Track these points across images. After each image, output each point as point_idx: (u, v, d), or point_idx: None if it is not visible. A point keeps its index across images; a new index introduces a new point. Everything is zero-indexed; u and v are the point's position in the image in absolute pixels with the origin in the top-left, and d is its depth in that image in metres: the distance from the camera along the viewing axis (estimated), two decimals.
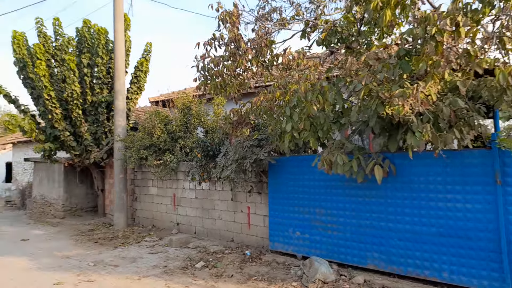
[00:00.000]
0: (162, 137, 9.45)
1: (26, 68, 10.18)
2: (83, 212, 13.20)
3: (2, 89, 10.26)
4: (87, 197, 13.35)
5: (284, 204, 6.63)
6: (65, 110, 10.98)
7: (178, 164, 9.20)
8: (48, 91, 9.81)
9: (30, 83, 10.40)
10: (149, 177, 10.33)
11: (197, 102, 9.96)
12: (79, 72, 10.57)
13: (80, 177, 13.04)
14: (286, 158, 6.50)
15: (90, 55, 10.69)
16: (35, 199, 13.74)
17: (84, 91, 10.78)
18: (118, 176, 10.24)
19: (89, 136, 10.90)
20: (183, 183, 9.29)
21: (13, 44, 9.94)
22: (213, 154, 7.90)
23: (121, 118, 10.27)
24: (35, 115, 11.03)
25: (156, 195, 10.09)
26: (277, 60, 6.15)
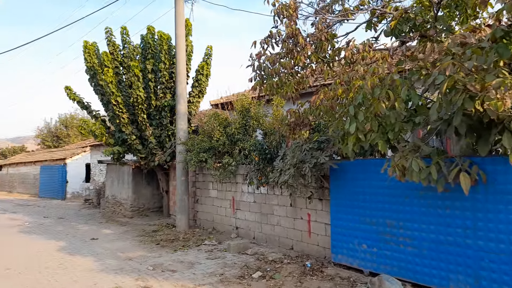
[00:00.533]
0: (221, 139, 9.35)
1: (96, 76, 10.81)
2: (150, 212, 13.72)
3: (76, 96, 11.02)
4: (153, 197, 13.86)
5: (348, 213, 6.01)
6: (132, 114, 11.46)
7: (237, 167, 9.01)
8: (115, 97, 10.29)
9: (100, 89, 11.03)
10: (209, 180, 10.31)
11: (256, 103, 9.70)
12: (143, 78, 10.95)
13: (146, 179, 13.57)
14: (350, 162, 5.89)
15: (153, 61, 11.03)
16: (108, 199, 14.63)
17: (149, 96, 11.14)
18: (180, 179, 10.37)
19: (154, 139, 11.23)
20: (241, 187, 9.07)
21: (84, 53, 10.63)
22: (271, 157, 7.54)
23: (183, 121, 10.40)
24: (105, 120, 11.67)
25: (216, 198, 10.03)
26: (339, 54, 5.58)
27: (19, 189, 29.38)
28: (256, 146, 7.75)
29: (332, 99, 4.58)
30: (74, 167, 23.88)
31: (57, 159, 24.78)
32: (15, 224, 12.52)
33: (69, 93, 10.89)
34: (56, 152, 28.38)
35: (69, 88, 10.94)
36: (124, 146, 11.43)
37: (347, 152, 4.95)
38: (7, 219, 13.94)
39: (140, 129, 11.32)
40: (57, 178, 23.93)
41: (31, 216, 14.92)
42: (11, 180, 31.25)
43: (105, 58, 10.54)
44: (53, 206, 19.54)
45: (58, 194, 23.72)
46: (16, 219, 14.08)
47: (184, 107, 10.43)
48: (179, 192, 10.37)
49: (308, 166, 5.69)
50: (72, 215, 15.28)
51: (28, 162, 28.61)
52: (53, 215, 15.34)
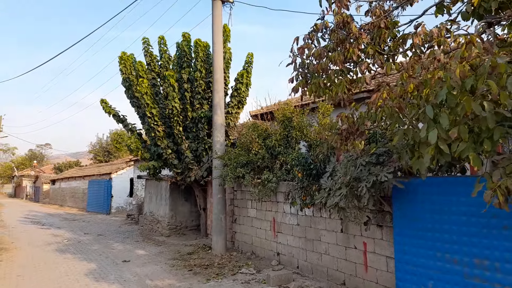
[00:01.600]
0: (260, 153, 8.40)
1: (131, 88, 10.42)
2: (187, 230, 13.00)
3: (111, 109, 10.69)
4: (191, 215, 13.15)
5: (419, 246, 4.71)
6: (168, 127, 10.90)
7: (277, 184, 7.98)
8: (150, 109, 9.78)
9: (136, 102, 10.61)
10: (248, 198, 9.35)
11: (299, 112, 8.66)
12: (179, 88, 10.39)
13: (184, 195, 12.93)
14: (421, 181, 4.63)
15: (189, 69, 10.44)
16: (146, 216, 14.17)
17: (185, 107, 10.53)
18: (216, 196, 9.52)
19: (190, 153, 10.55)
20: (283, 206, 8.00)
21: (120, 64, 10.30)
22: (317, 174, 6.41)
23: (219, 133, 9.61)
24: (141, 133, 11.22)
25: (255, 218, 9.02)
26: (404, 44, 4.42)
27: (69, 203, 30.43)
28: (299, 160, 6.68)
29: (400, 98, 3.45)
30: (119, 182, 24.14)
31: (103, 174, 25.27)
32: (54, 241, 12.37)
33: (104, 106, 10.59)
34: (104, 166, 29.12)
35: (105, 101, 10.65)
36: (160, 160, 10.86)
37: (419, 168, 3.74)
38: (49, 235, 13.93)
39: (176, 142, 10.71)
40: (103, 192, 24.32)
41: (73, 232, 14.87)
42: (63, 194, 32.55)
43: (139, 68, 10.14)
44: (97, 221, 19.65)
45: (103, 209, 24.03)
46: (58, 235, 14.04)
47: (221, 118, 9.65)
48: (215, 211, 9.50)
49: (365, 186, 4.52)
50: (112, 231, 15.03)
51: (78, 176, 29.62)
52: (94, 231, 15.20)
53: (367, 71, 4.41)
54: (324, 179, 5.47)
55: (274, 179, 7.94)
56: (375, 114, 4.10)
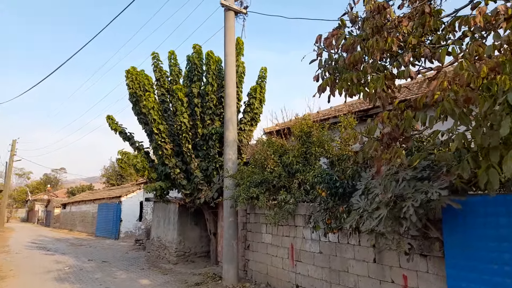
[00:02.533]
0: (276, 171, 7.56)
1: (138, 103, 9.84)
2: (196, 257, 12.04)
3: (118, 126, 10.08)
4: (201, 240, 12.22)
5: (480, 282, 3.73)
6: (177, 146, 10.22)
7: (296, 205, 7.09)
8: (157, 125, 9.13)
9: (143, 118, 10.00)
10: (262, 221, 8.44)
11: (319, 126, 7.86)
12: (189, 104, 9.76)
13: (194, 219, 12.06)
14: (481, 200, 3.70)
15: (200, 83, 9.83)
16: (153, 241, 13.29)
17: (195, 124, 9.86)
18: (228, 219, 8.64)
19: (200, 173, 9.78)
20: (302, 231, 7.06)
21: (126, 79, 9.77)
22: (344, 193, 5.52)
23: (231, 150, 8.84)
24: (149, 152, 10.55)
25: (270, 244, 8.07)
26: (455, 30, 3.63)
27: (79, 228, 29.75)
28: (322, 177, 5.82)
29: (468, 87, 2.62)
30: (129, 205, 23.42)
31: (113, 197, 24.63)
32: (55, 268, 11.56)
33: (110, 123, 10.01)
34: (114, 190, 28.54)
35: (111, 117, 10.07)
36: (168, 181, 10.11)
37: (491, 181, 2.85)
38: (51, 262, 13.14)
39: (185, 161, 9.98)
40: (112, 216, 23.58)
41: (77, 259, 14.05)
42: (73, 218, 31.96)
43: (146, 82, 9.58)
44: (104, 246, 18.83)
45: (112, 234, 23.22)
46: (61, 261, 13.25)
47: (234, 133, 8.91)
48: (226, 235, 8.60)
49: (411, 205, 3.62)
50: (117, 258, 14.16)
51: (88, 200, 29.06)
52: (99, 257, 14.36)
53: (410, 63, 3.61)
54: (355, 197, 4.58)
55: (292, 200, 7.07)
56: (424, 115, 3.27)
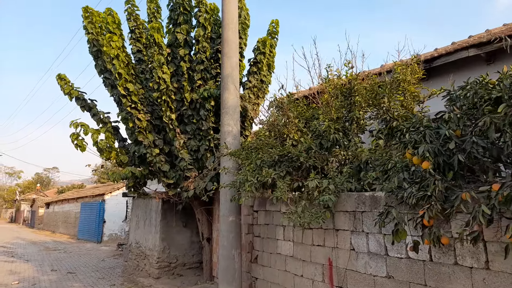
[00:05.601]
0: (302, 143, 4.78)
1: (102, 56, 7.04)
2: (185, 269, 9.23)
3: (73, 90, 7.25)
4: (192, 247, 9.42)
5: None
6: (158, 119, 7.44)
7: (337, 196, 4.32)
8: (124, 83, 6.32)
9: (109, 77, 7.20)
10: (277, 222, 5.67)
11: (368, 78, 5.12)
12: (172, 57, 6.97)
13: (182, 219, 9.27)
14: None
15: (187, 27, 7.03)
16: (131, 248, 10.49)
17: (180, 85, 7.08)
18: (226, 219, 5.87)
19: (187, 155, 6.99)
20: (350, 239, 4.27)
21: (84, 20, 6.96)
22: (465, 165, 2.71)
23: (232, 119, 6.08)
24: (118, 128, 7.75)
25: (292, 257, 5.28)
26: None
27: (61, 229, 26.88)
28: (420, 132, 2.97)
29: None
30: (114, 204, 20.60)
31: (96, 195, 21.82)
32: (1, 283, 8.75)
33: (62, 84, 7.19)
34: (99, 187, 25.73)
35: (63, 77, 7.25)
36: (143, 166, 7.31)
37: None
38: (4, 272, 10.34)
39: (167, 139, 7.20)
40: (95, 217, 20.74)
41: (39, 268, 11.25)
42: (55, 218, 29.09)
43: (109, 20, 6.78)
44: (81, 252, 16.00)
45: (95, 236, 20.37)
46: (16, 272, 10.45)
47: (235, 95, 6.16)
48: (224, 243, 5.82)
49: None
50: (89, 267, 11.35)
51: (71, 199, 26.22)
52: (66, 267, 11.55)
53: None
54: None
55: (331, 187, 4.29)
56: None
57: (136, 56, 7.85)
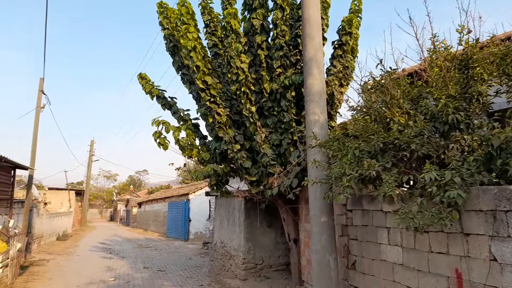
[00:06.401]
0: (412, 127, 3.90)
1: (179, 52, 6.87)
2: (272, 271, 8.78)
3: (154, 88, 7.22)
4: (277, 248, 8.94)
5: None
6: (237, 114, 7.08)
7: (466, 191, 3.36)
8: (202, 76, 6.02)
9: (186, 73, 7.02)
10: (379, 223, 4.83)
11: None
12: (248, 44, 6.51)
13: (266, 218, 8.84)
14: None
15: (263, 11, 6.50)
16: (216, 247, 10.38)
17: (259, 76, 6.60)
18: (317, 219, 5.20)
19: (269, 150, 6.48)
20: (489, 246, 3.29)
21: (159, 15, 6.86)
22: None
23: (317, 107, 5.39)
24: (198, 125, 7.56)
25: (401, 266, 4.41)
26: None
27: (152, 227, 28.75)
28: None
29: None
30: (198, 203, 21.23)
31: (181, 195, 22.76)
32: (99, 280, 9.27)
33: (144, 84, 7.21)
34: (184, 187, 26.90)
35: (144, 76, 7.27)
36: (225, 163, 7.00)
37: None
38: (102, 269, 11.03)
39: (247, 134, 6.78)
40: (181, 216, 21.63)
41: (133, 265, 11.83)
42: (147, 217, 31.25)
43: (183, 11, 6.54)
44: (170, 249, 16.69)
45: (182, 234, 21.24)
46: (113, 269, 11.08)
47: (320, 80, 5.46)
48: (317, 247, 5.15)
49: None
50: (178, 265, 11.61)
51: (159, 198, 27.87)
52: (157, 264, 11.98)
53: None
54: None
55: (457, 181, 3.35)
56: None
57: (212, 50, 7.60)
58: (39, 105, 14.11)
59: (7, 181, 11.39)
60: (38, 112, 14.05)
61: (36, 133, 13.82)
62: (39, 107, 14.08)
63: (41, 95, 14.26)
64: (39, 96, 14.20)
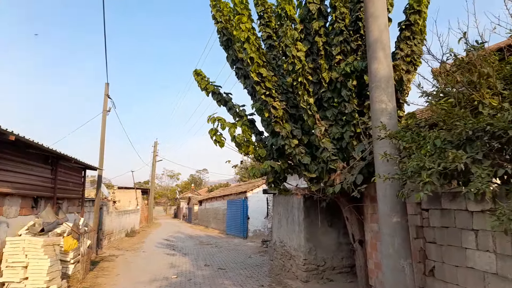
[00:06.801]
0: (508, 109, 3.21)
1: (232, 46, 6.66)
2: (335, 274, 8.26)
3: (209, 85, 7.09)
4: (340, 249, 8.40)
5: None
6: (293, 107, 6.70)
7: None
8: (256, 68, 5.72)
9: (241, 67, 6.79)
10: (463, 225, 4.15)
11: None
12: (305, 32, 6.08)
13: (327, 217, 8.34)
14: None
15: None
16: (275, 246, 10.09)
17: (316, 65, 6.15)
18: (388, 219, 4.63)
19: (330, 144, 6.01)
20: None
21: (212, 9, 6.69)
22: None
23: (384, 94, 4.83)
24: (254, 121, 7.30)
25: (495, 275, 3.72)
26: None
27: (213, 225, 29.39)
28: None
29: None
30: (256, 201, 21.18)
31: (239, 193, 22.89)
32: (163, 277, 9.47)
33: (199, 80, 7.12)
34: (241, 185, 27.08)
35: (199, 72, 7.17)
36: (282, 159, 6.66)
37: None
38: (166, 265, 11.32)
39: (305, 128, 6.36)
40: (240, 213, 21.75)
41: (194, 262, 12.00)
42: (207, 215, 32.05)
43: (236, 1, 6.29)
44: (230, 247, 16.79)
45: (241, 232, 21.34)
46: (176, 265, 11.32)
47: (386, 64, 4.89)
48: (389, 250, 4.59)
49: None
50: (238, 264, 11.54)
51: (218, 196, 28.39)
52: (217, 262, 12.03)
53: None
54: None
55: None
56: None
57: (266, 42, 7.29)
58: (105, 108, 14.93)
59: (78, 181, 12.16)
60: (104, 115, 14.89)
61: (103, 135, 14.66)
62: (105, 111, 14.91)
63: (107, 99, 15.08)
64: (105, 100, 15.04)
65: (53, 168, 9.56)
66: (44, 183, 8.98)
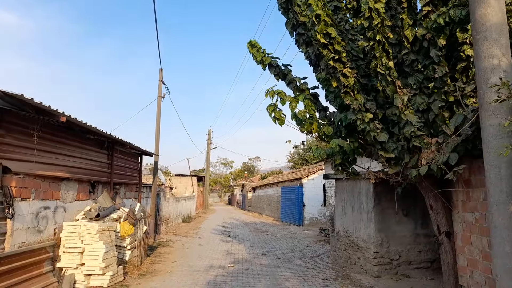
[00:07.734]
0: None
1: (293, 7, 5.78)
2: (411, 269, 7.22)
3: (266, 57, 6.30)
4: (417, 241, 7.32)
5: None
6: (365, 77, 5.72)
7: None
8: (323, 27, 4.82)
9: (302, 33, 5.91)
10: None
11: None
12: None
13: (401, 205, 7.27)
14: None
15: None
16: (339, 236, 9.19)
17: (396, 23, 5.09)
18: (503, 207, 3.57)
19: (413, 116, 4.97)
20: None
21: None
22: None
23: (496, 47, 3.73)
24: (317, 95, 6.41)
25: None
26: None
27: (267, 211, 29.02)
28: None
29: None
30: (312, 188, 20.30)
31: (294, 179, 22.12)
32: (219, 265, 9.07)
33: (254, 52, 6.36)
34: (296, 172, 26.25)
35: (253, 43, 6.41)
36: (352, 138, 5.73)
37: None
38: (222, 253, 10.96)
39: (379, 101, 5.36)
40: (295, 200, 21.02)
41: (251, 250, 11.52)
42: (261, 201, 31.76)
43: None
44: (286, 235, 16.16)
45: (296, 220, 20.64)
46: (232, 253, 10.92)
47: (497, 7, 3.77)
48: (503, 247, 3.54)
49: None
50: (296, 253, 10.85)
51: (272, 183, 27.87)
52: (275, 250, 11.44)
53: None
54: None
55: None
56: None
57: (330, 4, 6.32)
58: (160, 94, 14.86)
59: (135, 167, 12.17)
60: (159, 101, 14.83)
61: (158, 121, 14.63)
62: (159, 96, 14.84)
63: (161, 85, 14.99)
64: (159, 86, 14.96)
65: (109, 153, 9.49)
66: (101, 168, 8.91)
